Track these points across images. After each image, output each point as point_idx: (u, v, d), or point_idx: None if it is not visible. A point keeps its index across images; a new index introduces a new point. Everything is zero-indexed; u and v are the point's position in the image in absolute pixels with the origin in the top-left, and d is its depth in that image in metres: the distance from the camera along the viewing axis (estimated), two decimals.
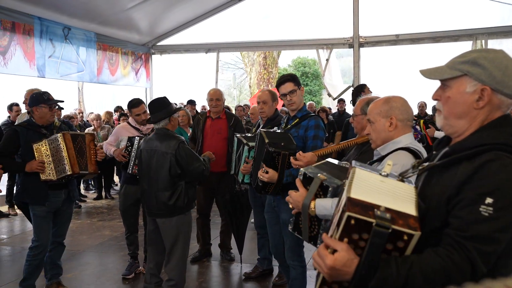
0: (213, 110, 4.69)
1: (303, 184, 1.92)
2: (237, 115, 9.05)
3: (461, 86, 1.33)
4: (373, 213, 1.10)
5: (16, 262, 4.87)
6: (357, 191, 1.16)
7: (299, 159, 2.69)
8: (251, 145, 3.60)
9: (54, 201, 3.70)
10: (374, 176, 1.25)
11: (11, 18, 7.14)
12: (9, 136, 3.63)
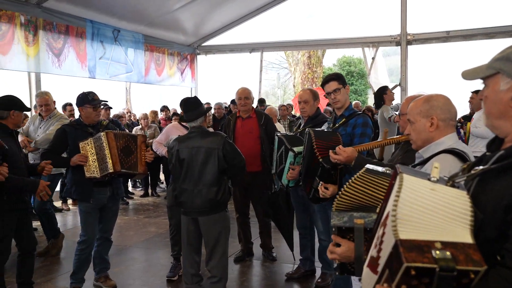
0: (242, 109, 4.69)
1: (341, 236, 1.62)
2: (281, 114, 9.07)
3: (496, 84, 1.25)
4: (431, 256, 1.00)
5: (68, 255, 5.08)
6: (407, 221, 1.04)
7: (339, 153, 2.63)
8: (297, 151, 3.54)
9: (99, 198, 3.82)
10: (423, 183, 1.15)
11: (65, 21, 7.48)
12: (58, 135, 3.82)
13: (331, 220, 1.60)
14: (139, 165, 3.87)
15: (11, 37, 6.54)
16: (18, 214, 3.49)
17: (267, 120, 4.70)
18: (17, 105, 3.48)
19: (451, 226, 1.06)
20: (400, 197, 1.09)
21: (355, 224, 1.57)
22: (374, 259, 1.18)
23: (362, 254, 1.51)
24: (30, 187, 3.39)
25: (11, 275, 3.94)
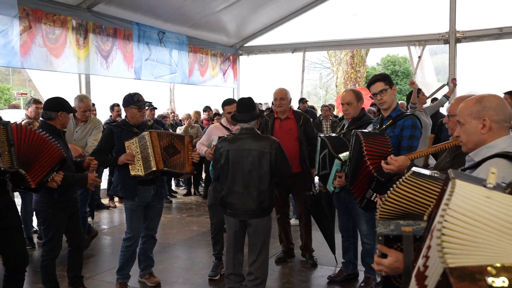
0: (277, 110, 4.66)
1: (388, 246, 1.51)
2: (323, 115, 8.97)
3: None
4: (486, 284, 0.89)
5: (115, 251, 5.25)
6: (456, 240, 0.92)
7: (391, 163, 2.57)
8: (343, 159, 3.47)
9: (143, 196, 3.91)
10: (477, 190, 1.05)
11: (113, 24, 7.73)
12: (105, 135, 3.96)
13: (377, 229, 1.50)
14: (187, 165, 3.94)
15: (64, 40, 6.84)
16: (68, 211, 3.64)
17: (306, 120, 4.66)
18: (64, 106, 3.62)
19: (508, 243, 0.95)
20: (450, 206, 1.00)
21: (403, 232, 1.46)
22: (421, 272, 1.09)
23: (411, 265, 1.37)
24: (81, 181, 3.53)
25: (62, 269, 4.11)
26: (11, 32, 6.04)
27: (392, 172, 2.58)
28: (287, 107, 4.67)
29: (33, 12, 6.32)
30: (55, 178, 3.20)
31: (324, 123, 8.85)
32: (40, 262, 3.63)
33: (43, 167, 3.10)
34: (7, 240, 3.11)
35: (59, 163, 3.21)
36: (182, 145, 3.95)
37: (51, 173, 3.16)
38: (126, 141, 3.79)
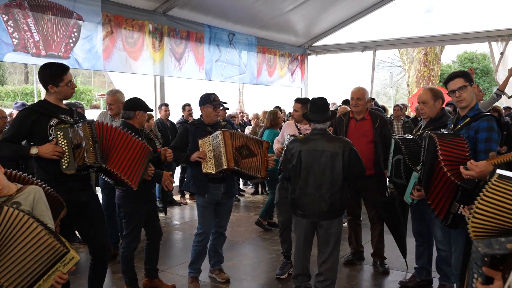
0: (354, 110, 4.55)
1: (494, 268, 1.31)
2: (394, 115, 8.68)
3: None
4: None
5: (186, 246, 5.46)
6: None
7: (471, 169, 2.40)
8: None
9: (213, 194, 4.02)
10: None
11: (186, 27, 8.03)
12: (181, 133, 4.12)
13: (479, 249, 1.31)
14: (262, 169, 4.00)
15: (141, 44, 7.22)
16: (147, 206, 3.84)
17: (383, 122, 4.50)
18: (141, 106, 3.83)
19: None
20: None
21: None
22: None
23: None
24: (157, 178, 3.70)
25: (138, 260, 4.34)
26: (95, 37, 6.48)
27: (472, 178, 2.42)
28: (364, 108, 4.54)
29: (114, 18, 6.73)
30: (148, 172, 3.47)
31: (395, 123, 8.56)
32: (121, 253, 3.87)
33: (136, 166, 3.32)
34: (92, 232, 3.33)
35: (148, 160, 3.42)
36: (260, 149, 4.00)
37: (146, 170, 3.41)
38: (199, 139, 3.92)
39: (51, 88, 3.13)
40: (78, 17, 6.23)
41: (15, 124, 3.10)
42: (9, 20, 5.46)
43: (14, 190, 2.27)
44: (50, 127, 3.06)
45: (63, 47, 6.11)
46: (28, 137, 3.09)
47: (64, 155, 3.03)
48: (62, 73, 3.13)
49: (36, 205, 2.27)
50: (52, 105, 3.17)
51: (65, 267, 2.08)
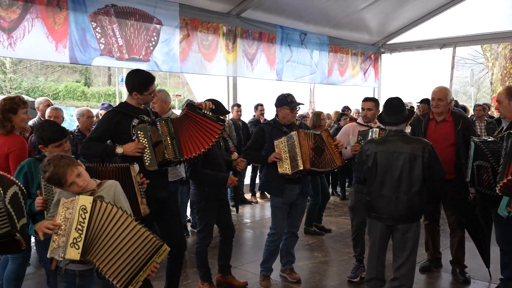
0: (434, 111, 4.30)
1: None
2: (476, 115, 8.16)
3: None
4: None
5: (256, 244, 5.54)
6: None
7: None
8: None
9: (289, 194, 4.03)
10: None
11: (259, 29, 8.14)
12: (256, 133, 4.17)
13: None
14: (335, 159, 3.94)
15: (216, 46, 7.43)
16: (218, 203, 3.95)
17: (466, 125, 4.20)
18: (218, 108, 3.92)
19: None
20: None
21: None
22: None
23: None
24: (221, 181, 3.80)
25: (211, 256, 4.47)
26: (173, 40, 6.78)
27: None
28: (445, 109, 4.27)
29: (191, 21, 6.99)
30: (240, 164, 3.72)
31: (477, 124, 8.05)
32: (195, 249, 4.01)
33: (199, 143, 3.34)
34: (169, 227, 3.48)
35: None
36: (323, 142, 3.96)
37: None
38: (275, 140, 3.95)
39: (135, 95, 3.33)
40: (157, 21, 6.55)
41: (101, 124, 3.34)
42: (97, 26, 5.87)
43: (95, 185, 2.44)
44: (133, 127, 3.26)
45: (143, 50, 6.45)
46: (113, 137, 3.30)
47: (146, 153, 3.21)
48: (149, 84, 3.33)
49: (117, 199, 2.43)
50: (132, 106, 3.37)
51: (159, 257, 2.24)
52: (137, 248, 2.21)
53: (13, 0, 5.01)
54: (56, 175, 2.29)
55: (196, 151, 3.25)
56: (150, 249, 2.24)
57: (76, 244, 2.18)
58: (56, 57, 5.60)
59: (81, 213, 2.21)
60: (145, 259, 2.22)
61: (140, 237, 2.21)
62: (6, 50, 5.05)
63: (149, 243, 2.23)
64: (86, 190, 2.37)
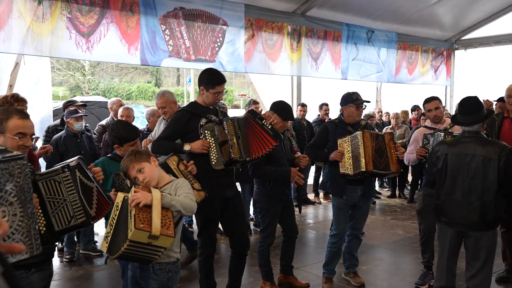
0: (510, 109, 4.01)
1: None
2: None
3: None
4: None
5: (319, 245, 5.46)
6: None
7: None
8: None
9: (351, 195, 3.93)
10: None
11: (324, 27, 8.03)
12: (320, 131, 4.12)
13: None
14: (391, 164, 3.81)
15: (280, 45, 7.43)
16: (282, 203, 3.94)
17: None
18: (278, 109, 3.91)
19: None
20: None
21: None
22: None
23: None
24: (284, 175, 3.77)
25: (273, 256, 4.48)
26: (238, 41, 6.87)
27: None
28: None
29: (256, 21, 7.05)
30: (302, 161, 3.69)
31: None
32: (258, 247, 4.03)
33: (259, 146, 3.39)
34: (235, 226, 3.54)
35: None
36: (384, 143, 3.83)
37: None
38: (339, 139, 3.88)
39: (201, 90, 3.42)
40: (223, 23, 6.68)
41: (170, 124, 3.47)
42: (166, 29, 6.10)
43: (166, 182, 2.53)
44: (201, 126, 3.34)
45: (209, 51, 6.60)
46: (182, 136, 3.40)
47: (212, 152, 3.27)
48: (216, 83, 3.40)
49: (176, 192, 2.48)
50: (201, 106, 3.45)
51: None
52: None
53: (91, 6, 5.33)
54: (122, 168, 2.50)
55: (259, 152, 3.28)
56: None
57: (106, 238, 2.31)
58: (128, 59, 5.89)
59: (114, 209, 2.32)
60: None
61: None
62: (84, 53, 5.39)
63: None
64: (151, 186, 2.46)
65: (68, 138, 4.77)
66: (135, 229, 2.10)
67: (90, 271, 4.63)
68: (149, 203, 2.20)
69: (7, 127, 2.10)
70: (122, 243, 2.20)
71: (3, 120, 2.10)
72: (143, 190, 2.27)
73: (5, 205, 1.62)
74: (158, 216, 2.18)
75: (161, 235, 2.16)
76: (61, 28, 5.10)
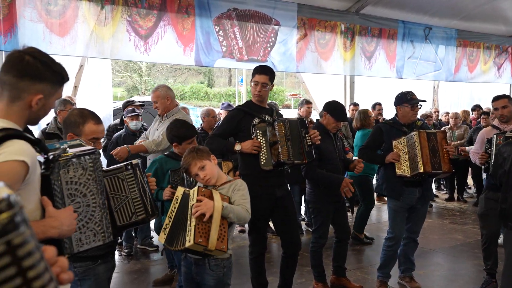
0: None
1: None
2: None
3: None
4: None
5: (372, 248, 5.35)
6: None
7: None
8: None
9: (408, 198, 3.81)
10: None
11: (378, 25, 7.85)
12: (374, 132, 4.03)
13: None
14: (443, 163, 3.66)
15: (332, 44, 7.35)
16: (334, 204, 3.89)
17: None
18: (330, 108, 3.86)
19: None
20: None
21: None
22: None
23: None
24: (335, 183, 3.71)
25: (325, 257, 4.43)
26: (290, 41, 6.86)
27: None
28: None
29: (308, 21, 7.01)
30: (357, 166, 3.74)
31: None
32: (310, 248, 4.01)
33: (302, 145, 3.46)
34: (286, 226, 3.54)
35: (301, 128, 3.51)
36: (437, 142, 3.69)
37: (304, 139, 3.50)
38: (393, 140, 3.78)
39: (251, 81, 3.51)
40: (276, 22, 6.69)
41: (224, 122, 3.54)
42: (220, 30, 6.20)
43: (223, 181, 2.57)
44: (253, 126, 3.37)
45: (261, 51, 6.64)
46: (234, 134, 3.45)
47: (262, 152, 3.29)
48: (255, 72, 3.49)
49: (233, 194, 2.52)
50: (256, 105, 3.48)
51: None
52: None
53: (149, 10, 5.53)
54: (183, 164, 2.54)
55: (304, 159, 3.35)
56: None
57: (165, 229, 2.43)
58: (183, 60, 6.05)
59: (174, 202, 2.44)
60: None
61: None
62: (142, 55, 5.60)
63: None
64: (211, 184, 2.51)
65: (127, 137, 4.97)
66: (194, 243, 2.24)
67: (147, 265, 4.80)
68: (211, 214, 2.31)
69: (83, 131, 2.25)
70: (179, 242, 2.35)
71: (80, 124, 2.24)
72: (206, 194, 2.35)
73: (79, 196, 1.73)
74: (216, 230, 2.29)
75: (216, 249, 2.29)
76: (121, 31, 5.33)
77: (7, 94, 1.52)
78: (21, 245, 0.59)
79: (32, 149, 1.49)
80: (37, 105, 1.55)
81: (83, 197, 1.75)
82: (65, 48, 4.93)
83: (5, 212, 0.58)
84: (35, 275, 0.60)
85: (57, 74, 1.57)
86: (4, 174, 1.36)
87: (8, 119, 1.53)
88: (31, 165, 1.44)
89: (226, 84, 32.93)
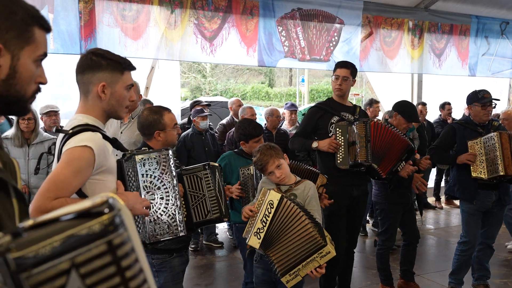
0: None
1: None
2: None
3: None
4: None
5: (441, 253, 5.13)
6: None
7: None
8: None
9: (483, 201, 3.63)
10: None
11: (449, 21, 7.49)
12: (446, 132, 3.86)
13: None
14: (502, 166, 3.45)
15: (399, 42, 7.12)
16: (403, 206, 3.78)
17: None
18: (401, 110, 3.73)
19: None
20: None
21: None
22: None
23: None
24: (407, 180, 3.58)
25: (392, 260, 4.31)
26: (354, 39, 6.74)
27: None
28: None
29: (374, 19, 6.84)
30: (406, 169, 3.41)
31: None
32: (376, 250, 3.92)
33: (391, 159, 3.34)
34: (353, 226, 3.51)
35: (405, 152, 3.38)
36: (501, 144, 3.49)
37: (399, 163, 3.37)
38: (469, 141, 3.61)
39: (332, 76, 3.51)
40: (340, 21, 6.60)
41: (304, 120, 3.54)
42: (283, 30, 6.22)
43: (293, 181, 2.57)
44: (331, 124, 3.36)
45: (324, 51, 6.57)
46: (314, 132, 3.45)
47: (340, 151, 3.26)
48: (337, 67, 3.45)
49: (309, 201, 2.52)
50: (337, 103, 3.45)
51: (322, 259, 2.28)
52: (301, 244, 2.31)
53: (214, 12, 5.67)
54: (260, 161, 2.52)
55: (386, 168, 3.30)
56: (312, 247, 2.29)
57: (258, 234, 2.40)
58: (247, 60, 6.14)
59: (268, 207, 2.39)
60: (305, 254, 2.31)
61: (306, 235, 2.30)
62: (208, 56, 5.75)
63: (312, 241, 2.29)
64: (284, 183, 2.53)
65: (194, 136, 5.12)
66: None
67: (212, 261, 4.92)
68: None
69: (165, 123, 2.38)
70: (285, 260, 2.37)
71: (160, 118, 2.38)
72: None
73: (154, 189, 1.83)
74: None
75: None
76: (189, 34, 5.51)
77: (81, 91, 1.72)
78: (121, 246, 0.61)
79: (101, 139, 1.62)
80: (104, 94, 1.67)
81: (157, 190, 1.85)
82: (138, 51, 5.17)
83: (106, 214, 0.61)
84: (132, 275, 0.62)
85: (112, 61, 1.69)
86: (71, 158, 1.53)
87: (89, 114, 1.69)
88: (96, 151, 1.57)
89: (287, 84, 32.92)
